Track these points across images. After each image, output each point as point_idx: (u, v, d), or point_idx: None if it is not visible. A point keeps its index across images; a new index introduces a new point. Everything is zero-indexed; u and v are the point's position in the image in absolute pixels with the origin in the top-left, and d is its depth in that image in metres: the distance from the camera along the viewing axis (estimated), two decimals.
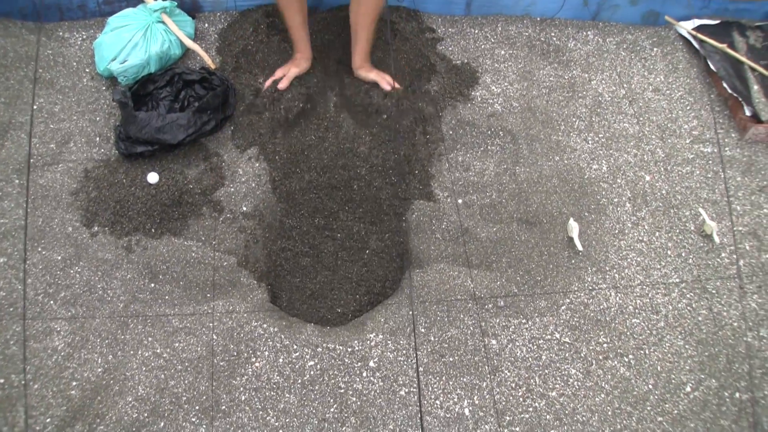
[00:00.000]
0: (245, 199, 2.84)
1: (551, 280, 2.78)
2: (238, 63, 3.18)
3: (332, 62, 3.27)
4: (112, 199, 2.74)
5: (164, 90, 2.95)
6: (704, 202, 3.04)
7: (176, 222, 2.75)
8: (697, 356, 2.64)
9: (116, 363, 2.43)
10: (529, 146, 3.13)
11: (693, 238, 2.94)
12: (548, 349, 2.62)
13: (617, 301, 2.75)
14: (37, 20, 3.24)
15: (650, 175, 3.11)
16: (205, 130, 2.87)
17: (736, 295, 2.79)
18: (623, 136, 3.23)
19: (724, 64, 3.45)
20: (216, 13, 3.39)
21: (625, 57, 3.54)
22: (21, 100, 2.96)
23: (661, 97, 3.39)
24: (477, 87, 3.31)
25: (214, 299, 2.60)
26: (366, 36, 3.03)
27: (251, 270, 2.70)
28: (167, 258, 2.67)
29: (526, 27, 3.59)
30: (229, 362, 2.47)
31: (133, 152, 2.79)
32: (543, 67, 3.44)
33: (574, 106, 3.31)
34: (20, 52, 3.09)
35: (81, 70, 3.10)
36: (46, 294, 2.54)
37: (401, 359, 2.54)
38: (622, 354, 2.62)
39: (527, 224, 2.92)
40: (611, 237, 2.92)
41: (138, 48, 2.98)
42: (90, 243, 2.66)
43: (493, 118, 3.19)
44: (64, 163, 2.83)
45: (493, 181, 3.01)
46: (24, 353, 2.39)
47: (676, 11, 3.67)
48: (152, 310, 2.55)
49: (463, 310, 2.67)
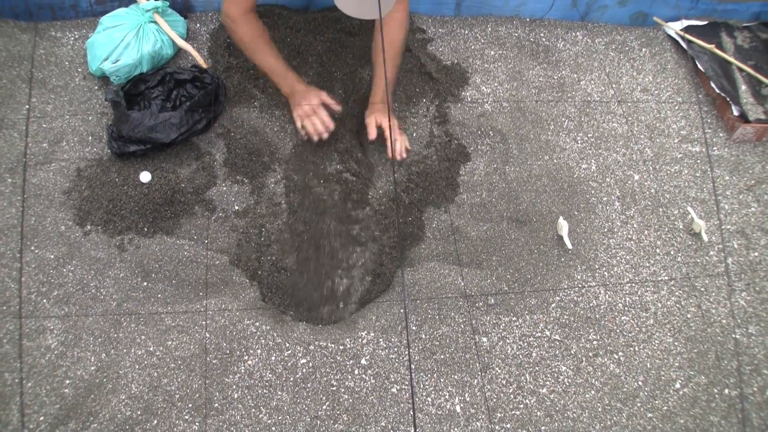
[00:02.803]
0: (237, 198, 2.85)
1: (541, 278, 2.80)
2: (230, 63, 3.18)
3: (334, 83, 3.25)
4: (105, 198, 2.74)
5: (156, 89, 2.95)
6: (693, 200, 3.07)
7: (169, 221, 2.75)
8: (686, 353, 2.67)
9: (109, 361, 2.44)
10: (519, 146, 3.16)
11: (682, 237, 2.97)
12: (538, 347, 2.64)
13: (607, 298, 2.78)
14: (29, 19, 3.24)
15: (639, 174, 3.14)
16: (197, 128, 2.88)
17: (724, 293, 2.82)
18: (612, 136, 3.25)
19: (712, 65, 3.49)
20: (208, 13, 3.40)
21: (613, 57, 3.57)
22: (13, 99, 2.96)
23: (650, 97, 3.42)
24: (467, 87, 3.33)
25: (207, 298, 2.61)
26: (389, 69, 2.98)
27: (243, 269, 2.71)
28: (160, 257, 2.67)
29: (515, 28, 3.61)
30: (222, 360, 2.48)
31: (125, 151, 2.79)
32: (532, 68, 3.46)
33: (564, 106, 3.34)
34: (12, 51, 3.09)
35: (73, 70, 3.10)
36: (39, 293, 2.54)
37: (393, 357, 2.55)
38: (611, 351, 2.65)
39: (517, 223, 2.94)
40: (600, 235, 2.94)
41: (130, 48, 2.98)
42: (83, 242, 2.67)
43: (483, 118, 3.21)
44: (57, 162, 2.83)
45: (483, 180, 3.03)
46: (20, 351, 2.40)
47: (665, 12, 3.71)
48: (145, 309, 2.56)
49: (453, 308, 2.69)
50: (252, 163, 2.93)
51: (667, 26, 3.70)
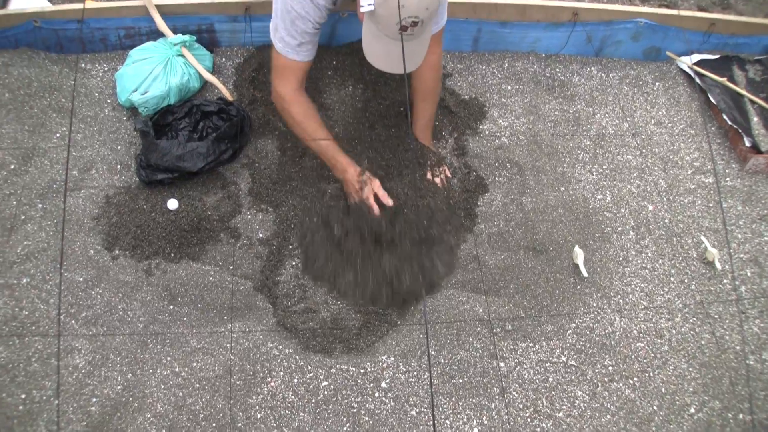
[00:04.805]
0: (261, 226, 2.92)
1: (557, 305, 2.85)
2: (254, 96, 3.27)
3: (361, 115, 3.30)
4: (133, 224, 2.81)
5: (183, 121, 3.03)
6: (706, 230, 3.12)
7: (195, 247, 2.83)
8: (700, 378, 2.70)
9: (135, 381, 2.49)
10: (536, 177, 3.22)
11: (695, 265, 3.01)
12: (555, 372, 2.68)
13: (622, 325, 2.82)
14: (59, 52, 3.34)
15: (653, 204, 3.19)
16: (223, 158, 2.96)
17: (737, 320, 2.86)
18: (626, 168, 3.31)
19: (724, 97, 3.55)
20: (233, 48, 3.50)
21: (628, 91, 3.64)
22: (44, 128, 3.06)
23: (663, 129, 3.48)
24: (485, 121, 3.40)
25: (232, 321, 2.67)
26: (428, 108, 3.07)
27: (267, 294, 2.76)
28: (186, 281, 2.74)
29: (531, 63, 3.69)
30: (246, 381, 2.53)
31: (153, 179, 2.87)
32: (548, 102, 3.54)
33: (579, 138, 3.40)
34: (44, 82, 3.19)
35: (103, 101, 3.20)
36: (68, 314, 2.61)
37: (412, 380, 2.60)
38: (627, 376, 2.69)
39: (534, 252, 2.99)
40: (616, 264, 2.99)
41: (158, 80, 3.07)
42: (111, 266, 2.74)
43: (501, 151, 3.28)
44: (87, 189, 2.91)
45: (500, 210, 3.09)
46: (58, 367, 2.46)
47: (677, 47, 3.78)
48: (171, 331, 2.62)
49: (472, 334, 2.74)
50: (276, 192, 3.00)
51: (679, 60, 3.77)
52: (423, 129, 3.12)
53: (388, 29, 2.41)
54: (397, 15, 2.31)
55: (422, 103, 3.04)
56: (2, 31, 3.25)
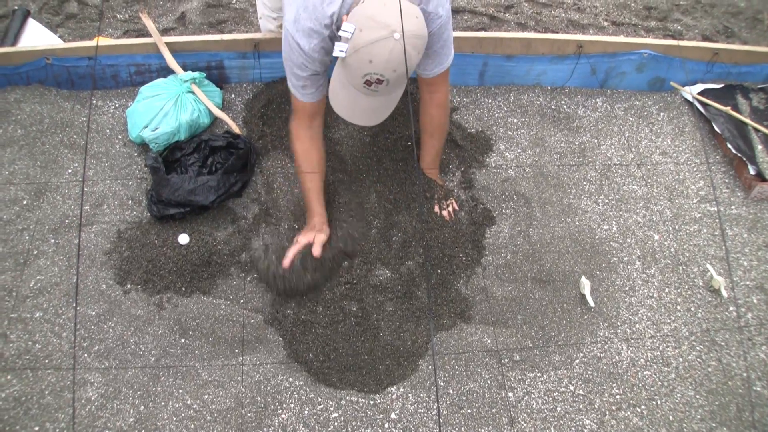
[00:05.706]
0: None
1: (565, 335, 2.87)
2: (263, 131, 3.32)
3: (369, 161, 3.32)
4: (145, 259, 2.85)
5: (192, 156, 3.08)
6: (712, 258, 3.14)
7: (206, 281, 2.86)
8: (707, 406, 2.71)
9: (147, 413, 2.52)
10: (542, 209, 3.25)
11: (702, 293, 3.03)
12: (563, 401, 2.69)
13: (629, 354, 2.83)
14: (71, 88, 3.40)
15: (659, 234, 3.21)
16: (233, 191, 3.01)
17: (744, 347, 2.87)
18: (632, 198, 3.34)
19: (729, 126, 3.58)
20: (242, 84, 3.56)
21: (632, 122, 3.68)
22: (56, 164, 3.11)
23: (668, 159, 3.51)
24: (491, 153, 3.44)
25: (243, 354, 2.70)
26: (435, 144, 3.10)
27: (277, 328, 2.79)
28: (197, 315, 2.77)
29: (537, 96, 3.74)
30: (257, 413, 2.55)
31: (165, 214, 2.91)
32: (554, 134, 3.57)
33: (585, 170, 3.44)
34: (55, 118, 3.25)
35: (114, 137, 3.25)
36: (80, 347, 2.64)
37: (421, 411, 2.61)
38: (634, 405, 2.70)
39: (541, 283, 3.01)
40: (622, 293, 3.01)
41: (169, 116, 3.12)
42: (123, 300, 2.77)
43: (507, 183, 3.32)
44: (98, 224, 2.95)
45: (508, 242, 3.12)
46: (73, 399, 2.48)
47: (681, 77, 3.82)
48: (183, 364, 2.65)
49: (480, 365, 2.75)
50: (284, 226, 3.03)
51: (684, 90, 3.81)
52: (430, 163, 3.16)
53: (354, 80, 2.40)
54: (363, 68, 2.32)
55: (430, 139, 3.06)
56: (14, 67, 3.32)
